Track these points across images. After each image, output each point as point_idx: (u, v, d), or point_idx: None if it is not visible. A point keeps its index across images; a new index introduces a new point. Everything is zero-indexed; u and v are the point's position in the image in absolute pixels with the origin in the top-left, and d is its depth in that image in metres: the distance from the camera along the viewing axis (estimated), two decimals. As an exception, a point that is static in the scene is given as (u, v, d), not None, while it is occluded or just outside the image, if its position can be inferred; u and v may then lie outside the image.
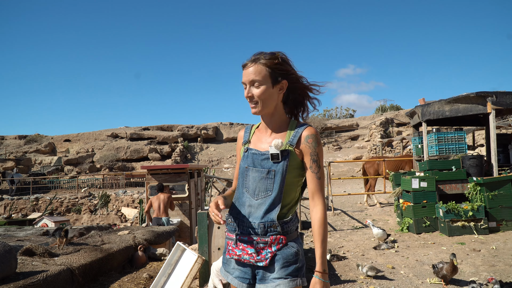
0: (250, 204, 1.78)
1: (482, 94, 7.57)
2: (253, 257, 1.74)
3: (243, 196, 1.82)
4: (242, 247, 1.77)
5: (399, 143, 25.15)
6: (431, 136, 8.41)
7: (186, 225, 8.95)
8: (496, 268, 4.96)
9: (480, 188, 7.14)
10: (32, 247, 3.96)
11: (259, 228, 1.73)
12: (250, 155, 1.82)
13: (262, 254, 1.73)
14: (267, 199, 1.75)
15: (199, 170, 11.17)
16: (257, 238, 1.74)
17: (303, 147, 1.76)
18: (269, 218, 1.73)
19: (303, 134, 1.76)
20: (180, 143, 33.49)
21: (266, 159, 1.76)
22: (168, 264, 4.01)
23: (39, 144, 34.50)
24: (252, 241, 1.74)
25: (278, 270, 1.73)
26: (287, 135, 1.79)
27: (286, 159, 1.74)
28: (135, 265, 4.88)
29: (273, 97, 1.78)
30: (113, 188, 25.11)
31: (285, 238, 1.75)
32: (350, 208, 11.35)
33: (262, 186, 1.76)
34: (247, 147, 1.86)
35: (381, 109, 38.72)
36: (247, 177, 1.81)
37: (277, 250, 1.73)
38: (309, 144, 1.75)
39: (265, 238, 1.73)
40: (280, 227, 1.74)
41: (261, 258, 1.73)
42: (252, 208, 1.78)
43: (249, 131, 1.93)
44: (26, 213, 19.82)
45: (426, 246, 6.45)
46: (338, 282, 4.85)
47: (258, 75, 1.74)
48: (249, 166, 1.81)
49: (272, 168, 1.74)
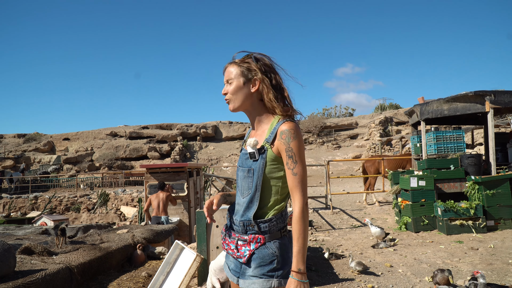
0: (238, 202, 1.86)
1: (480, 93, 7.59)
2: (234, 252, 1.82)
3: (237, 194, 1.90)
4: (227, 242, 1.86)
5: (398, 142, 25.16)
6: (430, 135, 8.42)
7: (185, 224, 8.96)
8: (493, 267, 4.98)
9: (478, 187, 7.16)
10: (31, 245, 3.96)
11: (239, 226, 1.81)
12: (241, 155, 1.90)
13: (241, 251, 1.78)
14: (247, 197, 1.80)
15: (198, 169, 11.17)
16: (238, 235, 1.81)
17: (278, 143, 1.74)
18: (247, 216, 1.78)
19: (278, 130, 1.75)
20: (179, 142, 33.47)
21: (248, 158, 1.82)
22: (167, 263, 4.02)
23: (38, 143, 34.45)
24: (234, 237, 1.83)
25: (254, 269, 1.76)
26: (267, 132, 1.81)
27: (262, 157, 1.76)
28: (134, 263, 4.89)
29: (246, 94, 1.83)
30: (112, 186, 25.10)
31: (263, 238, 1.75)
32: (349, 206, 11.37)
33: (245, 185, 1.82)
34: (242, 147, 1.93)
35: (380, 108, 38.71)
36: (238, 177, 1.89)
37: (255, 249, 1.76)
38: (283, 140, 1.73)
39: (244, 236, 1.78)
40: (257, 227, 1.76)
41: (240, 255, 1.79)
42: (239, 206, 1.85)
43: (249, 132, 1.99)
44: (25, 211, 19.81)
45: (424, 245, 6.47)
46: (336, 281, 4.86)
47: (231, 73, 1.84)
48: (239, 165, 1.89)
49: (252, 166, 1.79)
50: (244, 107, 1.87)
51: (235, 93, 1.83)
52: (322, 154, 30.38)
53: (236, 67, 1.85)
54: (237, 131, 34.90)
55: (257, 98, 1.86)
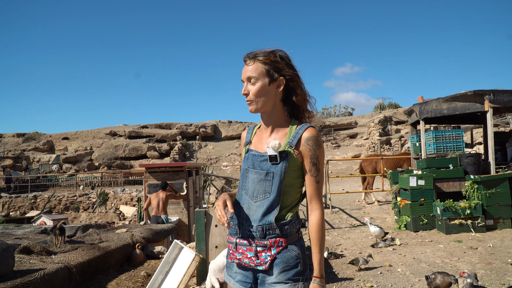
0: (249, 207, 1.73)
1: (479, 92, 7.58)
2: (253, 260, 1.68)
3: (242, 198, 1.78)
4: (242, 250, 1.71)
5: (398, 141, 25.18)
6: (429, 134, 8.43)
7: (184, 223, 8.96)
8: (492, 266, 4.98)
9: (478, 186, 7.16)
10: (30, 245, 3.96)
11: (257, 231, 1.68)
12: (250, 156, 1.78)
13: (261, 258, 1.67)
14: (265, 201, 1.69)
15: (198, 168, 11.17)
16: (256, 241, 1.68)
17: (302, 149, 1.70)
18: (267, 220, 1.68)
19: (303, 136, 1.70)
20: (178, 141, 33.46)
21: (265, 160, 1.71)
22: (166, 262, 4.02)
23: (37, 142, 34.41)
24: (251, 244, 1.69)
25: (277, 275, 1.67)
26: (287, 136, 1.73)
27: (284, 161, 1.68)
28: (133, 263, 4.88)
29: (270, 95, 1.72)
30: (112, 186, 25.10)
31: (284, 241, 1.69)
32: (348, 206, 11.37)
33: (260, 188, 1.71)
34: (248, 148, 1.82)
35: (380, 107, 38.71)
36: (246, 179, 1.77)
37: (276, 253, 1.67)
38: (309, 146, 1.69)
39: (264, 241, 1.67)
40: (279, 230, 1.68)
41: (260, 262, 1.67)
42: (250, 210, 1.73)
43: (252, 132, 1.88)
44: (24, 211, 19.82)
45: (424, 244, 6.47)
46: (336, 280, 4.86)
47: (255, 72, 1.70)
48: (249, 167, 1.77)
49: (271, 169, 1.69)
50: (267, 108, 1.75)
51: (259, 95, 1.71)
52: (321, 153, 30.34)
53: (261, 65, 1.71)
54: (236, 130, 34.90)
55: (279, 98, 1.77)
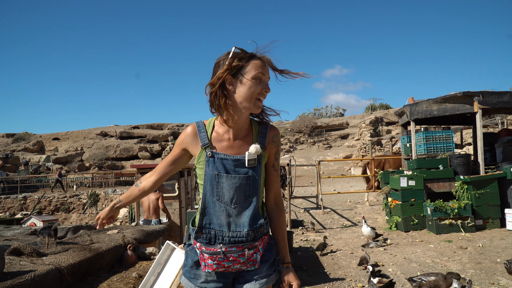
0: (228, 213, 1.68)
1: (469, 94, 7.68)
2: (245, 264, 1.68)
3: (215, 205, 1.68)
4: (233, 258, 1.66)
5: (389, 141, 25.35)
6: (419, 135, 8.50)
7: (176, 224, 8.93)
8: (482, 266, 5.04)
9: (467, 187, 7.24)
10: (20, 246, 3.92)
11: (248, 236, 1.67)
12: (218, 161, 1.67)
13: (253, 259, 1.69)
14: (249, 205, 1.68)
15: (189, 169, 11.14)
16: (248, 245, 1.67)
17: (269, 146, 1.75)
18: (258, 223, 1.69)
19: (269, 134, 1.75)
20: (170, 142, 33.35)
21: (240, 164, 1.67)
22: (158, 263, 4.00)
23: (27, 143, 34.08)
24: (243, 250, 1.67)
25: (266, 269, 1.73)
26: (254, 137, 1.74)
27: (260, 163, 1.70)
28: (124, 264, 4.86)
29: None
30: (103, 187, 24.93)
31: (267, 237, 1.77)
32: (340, 206, 11.43)
33: (240, 193, 1.67)
34: (211, 151, 1.69)
35: (371, 108, 38.99)
36: (219, 185, 1.67)
37: (263, 250, 1.73)
38: (275, 143, 1.76)
39: (254, 243, 1.69)
40: (265, 228, 1.74)
41: (253, 263, 1.69)
42: (231, 217, 1.68)
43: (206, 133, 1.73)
44: (13, 212, 19.59)
45: (414, 244, 6.53)
46: (327, 280, 4.89)
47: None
48: (221, 172, 1.67)
49: (249, 173, 1.67)
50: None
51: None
52: (313, 154, 30.49)
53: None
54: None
55: None
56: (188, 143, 1.75)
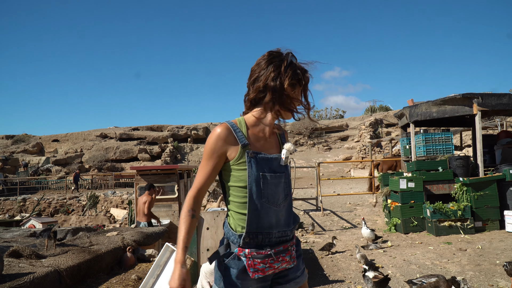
0: (277, 214, 1.67)
1: (468, 96, 7.68)
2: (289, 262, 1.72)
3: (263, 207, 1.63)
4: (282, 258, 1.67)
5: (388, 143, 25.35)
6: (419, 137, 8.51)
7: (175, 226, 8.92)
8: (481, 268, 5.04)
9: (467, 188, 7.24)
10: (19, 248, 3.92)
11: (292, 233, 1.75)
12: (261, 160, 1.64)
13: (293, 255, 1.74)
14: (287, 203, 1.73)
15: (189, 171, 11.14)
16: (290, 243, 1.73)
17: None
18: (296, 220, 1.79)
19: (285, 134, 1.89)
20: (170, 144, 33.36)
21: (279, 163, 1.70)
22: (157, 265, 4.00)
23: (26, 144, 34.08)
24: (288, 249, 1.71)
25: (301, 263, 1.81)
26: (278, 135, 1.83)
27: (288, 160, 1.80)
28: (123, 266, 4.85)
29: None
30: (102, 188, 24.92)
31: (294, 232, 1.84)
32: (340, 208, 11.43)
33: (281, 192, 1.68)
34: (252, 151, 1.64)
35: (371, 109, 39.02)
36: (265, 185, 1.63)
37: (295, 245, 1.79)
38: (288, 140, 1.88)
39: (293, 240, 1.77)
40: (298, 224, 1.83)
41: (294, 260, 1.75)
42: (278, 217, 1.67)
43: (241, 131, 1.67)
44: (13, 214, 19.57)
45: (414, 246, 6.52)
46: (327, 282, 4.89)
47: None
48: (266, 172, 1.64)
49: (285, 171, 1.73)
50: None
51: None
52: (312, 155, 30.50)
53: None
54: (228, 132, 34.87)
55: None
56: (224, 147, 1.64)
